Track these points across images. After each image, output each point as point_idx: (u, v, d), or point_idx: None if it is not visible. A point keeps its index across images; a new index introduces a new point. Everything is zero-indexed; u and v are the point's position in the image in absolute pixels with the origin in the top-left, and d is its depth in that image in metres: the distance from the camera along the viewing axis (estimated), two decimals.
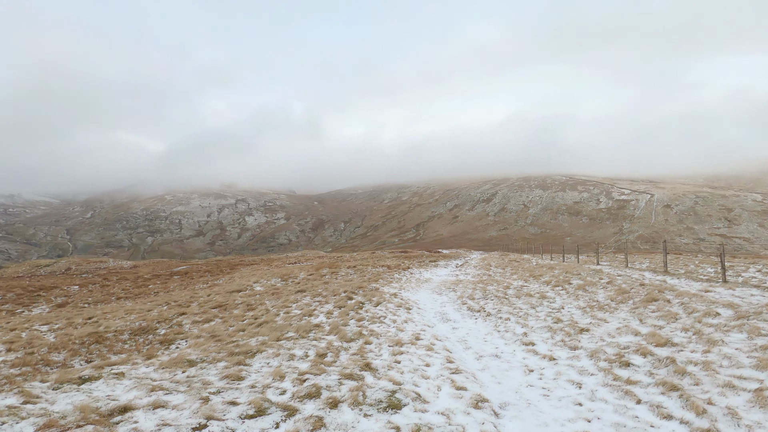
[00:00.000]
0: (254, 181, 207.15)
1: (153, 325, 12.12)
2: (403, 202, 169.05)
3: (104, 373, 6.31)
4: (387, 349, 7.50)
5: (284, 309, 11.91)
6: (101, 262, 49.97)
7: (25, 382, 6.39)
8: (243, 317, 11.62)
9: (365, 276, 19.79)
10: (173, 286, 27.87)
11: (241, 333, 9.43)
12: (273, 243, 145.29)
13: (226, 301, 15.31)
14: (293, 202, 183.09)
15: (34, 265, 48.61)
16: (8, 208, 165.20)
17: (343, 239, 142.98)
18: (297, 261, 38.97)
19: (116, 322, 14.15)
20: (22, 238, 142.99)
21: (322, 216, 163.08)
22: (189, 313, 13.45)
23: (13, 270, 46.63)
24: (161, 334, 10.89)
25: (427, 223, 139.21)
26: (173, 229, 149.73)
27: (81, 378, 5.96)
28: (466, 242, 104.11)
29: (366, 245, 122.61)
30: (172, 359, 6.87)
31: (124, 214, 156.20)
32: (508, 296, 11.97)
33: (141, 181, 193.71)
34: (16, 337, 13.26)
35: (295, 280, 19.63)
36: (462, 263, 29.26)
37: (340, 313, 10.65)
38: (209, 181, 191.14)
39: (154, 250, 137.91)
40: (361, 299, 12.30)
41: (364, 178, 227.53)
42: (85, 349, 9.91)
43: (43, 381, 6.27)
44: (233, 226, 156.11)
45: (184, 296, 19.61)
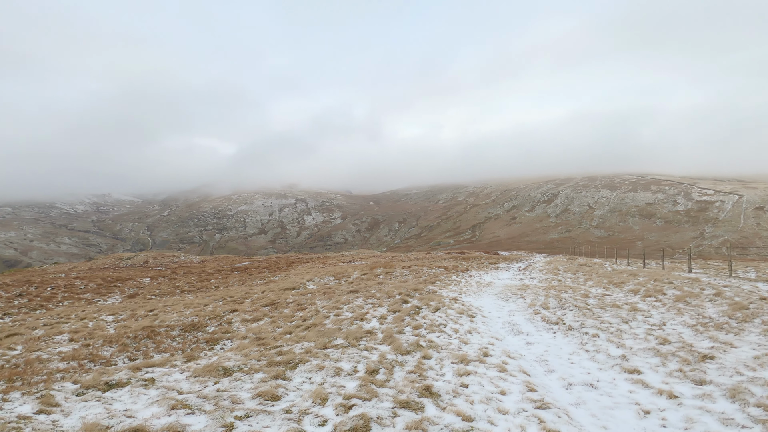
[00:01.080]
0: (313, 181, 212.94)
1: (204, 321, 11.73)
2: (459, 202, 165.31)
3: (135, 378, 5.64)
4: (450, 366, 6.22)
5: (335, 311, 10.99)
6: (174, 257, 52.99)
7: (58, 382, 5.90)
8: (292, 318, 10.84)
9: (421, 277, 18.53)
10: (233, 282, 28.31)
11: (288, 336, 8.59)
12: (330, 242, 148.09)
13: (278, 299, 14.76)
14: (349, 202, 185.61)
15: (117, 258, 52.54)
16: (100, 207, 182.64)
17: (398, 239, 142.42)
18: (351, 260, 38.52)
19: (173, 316, 14.04)
20: (110, 233, 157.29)
21: (377, 216, 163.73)
22: (240, 310, 12.98)
23: (100, 262, 50.71)
24: (209, 332, 10.39)
25: (483, 224, 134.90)
26: (238, 227, 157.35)
27: (108, 384, 5.30)
28: (524, 245, 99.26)
29: (420, 245, 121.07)
30: (208, 365, 6.08)
31: (196, 213, 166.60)
32: (589, 306, 10.17)
33: (212, 182, 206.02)
34: (82, 327, 13.49)
35: (349, 280, 18.82)
36: (525, 266, 27.04)
37: (394, 318, 9.50)
38: (272, 181, 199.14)
39: (221, 246, 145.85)
40: (417, 303, 11.07)
41: (419, 178, 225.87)
42: (135, 344, 9.60)
43: (75, 382, 5.72)
44: (293, 224, 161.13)
45: (239, 292, 19.51)
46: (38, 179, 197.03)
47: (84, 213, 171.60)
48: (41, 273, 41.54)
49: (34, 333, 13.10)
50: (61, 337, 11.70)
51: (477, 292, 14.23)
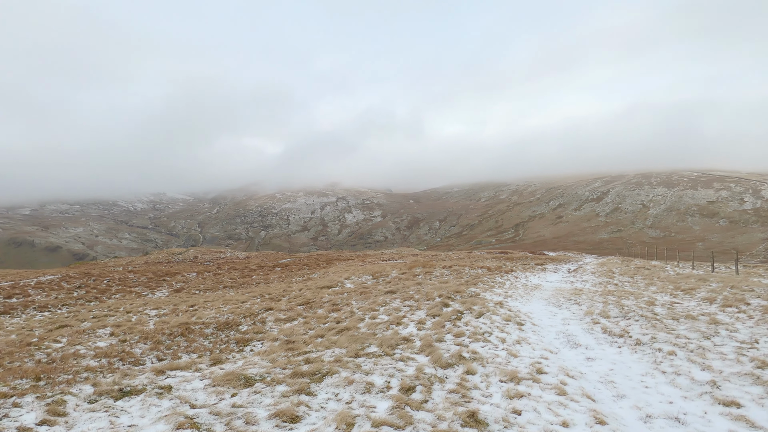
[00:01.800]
0: (354, 180, 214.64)
1: (238, 319, 11.45)
2: (501, 200, 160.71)
3: (152, 384, 5.21)
4: (498, 385, 5.35)
5: (370, 313, 10.32)
6: (221, 252, 54.65)
7: (79, 384, 5.60)
8: (325, 319, 10.28)
9: (462, 278, 17.52)
10: (273, 278, 28.45)
11: (319, 340, 8.00)
12: (370, 240, 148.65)
13: (313, 297, 14.33)
14: (389, 200, 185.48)
15: (170, 253, 54.88)
16: (156, 204, 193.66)
17: (438, 238, 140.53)
18: (391, 258, 37.89)
19: (210, 312, 13.96)
20: (165, 229, 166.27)
21: (417, 214, 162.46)
22: (275, 309, 12.63)
23: (155, 256, 53.22)
24: (242, 332, 10.04)
25: (527, 223, 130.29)
26: (282, 225, 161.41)
27: (122, 391, 4.88)
28: (571, 244, 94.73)
29: (461, 244, 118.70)
30: (230, 373, 5.57)
31: (243, 211, 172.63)
32: (658, 316, 8.86)
33: (258, 181, 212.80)
34: (126, 321, 13.66)
35: (386, 279, 18.14)
36: (575, 268, 25.23)
37: (433, 324, 8.68)
38: (314, 180, 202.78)
39: (266, 243, 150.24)
40: (459, 307, 10.17)
41: (460, 176, 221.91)
42: (168, 341, 9.40)
43: (94, 385, 5.38)
44: (334, 222, 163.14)
45: (278, 289, 19.36)
46: (103, 179, 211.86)
47: (142, 210, 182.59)
48: (101, 266, 43.88)
49: (83, 325, 13.41)
50: (104, 331, 11.83)
51: (524, 295, 13.09)
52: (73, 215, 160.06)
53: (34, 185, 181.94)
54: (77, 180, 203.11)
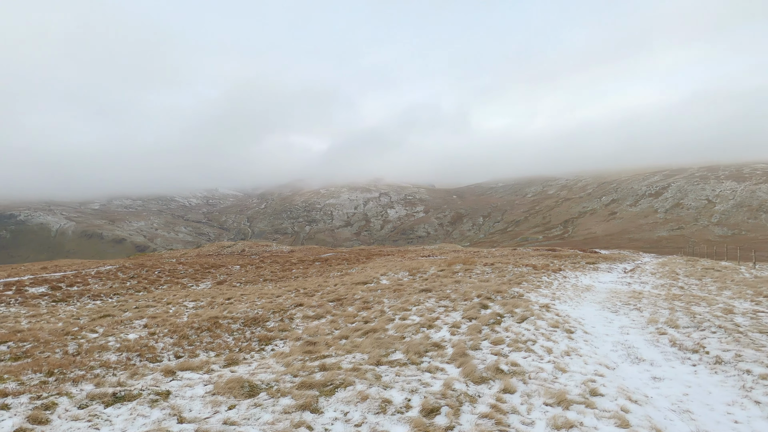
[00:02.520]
0: (397, 175, 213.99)
1: (267, 315, 11.08)
2: (549, 196, 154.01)
3: (150, 390, 4.74)
4: (541, 409, 4.41)
5: (401, 312, 9.55)
6: (266, 246, 55.96)
7: (83, 383, 5.28)
8: (354, 318, 9.64)
9: (505, 277, 16.31)
10: (312, 272, 28.36)
11: (342, 342, 7.35)
12: (412, 235, 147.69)
13: (346, 294, 13.78)
14: (432, 195, 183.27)
15: (220, 246, 56.85)
16: (209, 200, 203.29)
17: (482, 234, 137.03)
18: (431, 254, 36.87)
19: (243, 306, 13.78)
20: (217, 223, 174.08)
21: (460, 210, 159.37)
22: (306, 305, 12.18)
23: (206, 249, 55.36)
24: (267, 328, 9.61)
25: (576, 219, 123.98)
26: (326, 220, 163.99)
27: (116, 396, 4.44)
28: (625, 242, 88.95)
29: (506, 241, 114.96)
30: (236, 379, 5.01)
31: (289, 206, 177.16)
32: (741, 328, 7.41)
33: (304, 177, 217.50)
34: (163, 313, 13.76)
35: (423, 276, 17.27)
36: (632, 268, 23.07)
37: (469, 328, 7.76)
38: (358, 176, 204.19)
39: (310, 237, 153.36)
40: (499, 310, 9.17)
41: (506, 171, 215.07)
42: (194, 336, 9.15)
43: (98, 385, 5.03)
44: (376, 218, 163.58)
45: (314, 284, 19.05)
46: (162, 176, 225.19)
47: (196, 205, 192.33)
48: (156, 258, 46.00)
49: (124, 315, 13.65)
50: (139, 322, 11.87)
51: (574, 298, 11.77)
52: (135, 210, 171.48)
53: (103, 182, 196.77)
54: (140, 177, 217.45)
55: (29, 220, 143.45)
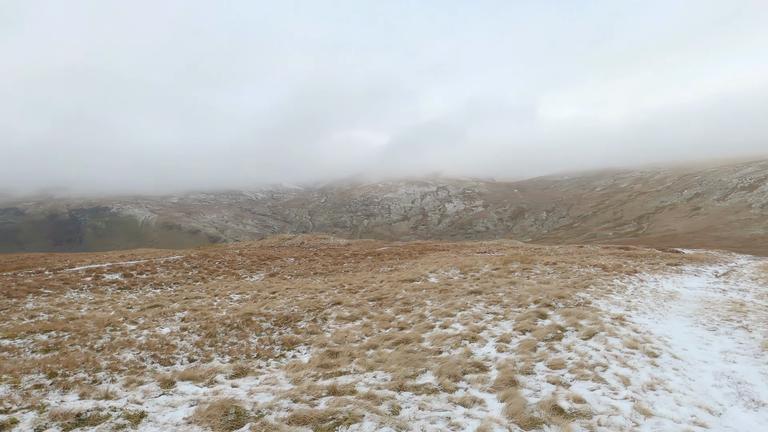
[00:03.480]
0: (457, 169, 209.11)
1: (301, 314, 10.38)
2: (621, 189, 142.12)
3: (123, 411, 4.04)
4: None
5: (443, 319, 8.33)
6: (324, 239, 56.69)
7: (70, 391, 4.75)
8: (390, 322, 8.59)
9: (569, 279, 14.36)
10: (363, 267, 27.74)
11: (369, 353, 6.33)
12: (470, 230, 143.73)
13: (389, 293, 12.77)
14: (492, 189, 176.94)
15: (281, 238, 58.59)
16: (274, 194, 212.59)
17: (545, 229, 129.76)
18: (488, 250, 34.83)
19: (283, 302, 13.29)
20: (281, 216, 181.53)
21: (522, 204, 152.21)
22: (345, 303, 11.34)
23: (268, 241, 57.32)
24: (297, 329, 8.86)
25: (653, 215, 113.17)
26: (383, 214, 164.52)
27: (80, 418, 3.76)
28: (711, 241, 79.46)
29: (571, 237, 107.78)
30: (222, 403, 4.17)
31: (347, 200, 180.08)
32: None
33: (363, 172, 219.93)
34: (207, 305, 13.64)
35: (475, 275, 15.78)
36: (725, 271, 19.71)
37: (521, 344, 6.38)
38: (417, 170, 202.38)
39: (368, 231, 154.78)
40: (560, 321, 7.64)
41: (573, 163, 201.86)
42: (222, 335, 8.63)
43: (82, 396, 4.45)
44: (434, 212, 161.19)
45: (359, 280, 18.30)
46: (232, 172, 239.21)
47: (262, 199, 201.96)
48: (221, 249, 48.09)
49: (171, 306, 13.73)
50: (180, 315, 11.73)
51: (655, 308, 9.78)
52: (209, 203, 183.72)
53: (181, 177, 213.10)
54: (213, 172, 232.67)
55: (120, 212, 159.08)
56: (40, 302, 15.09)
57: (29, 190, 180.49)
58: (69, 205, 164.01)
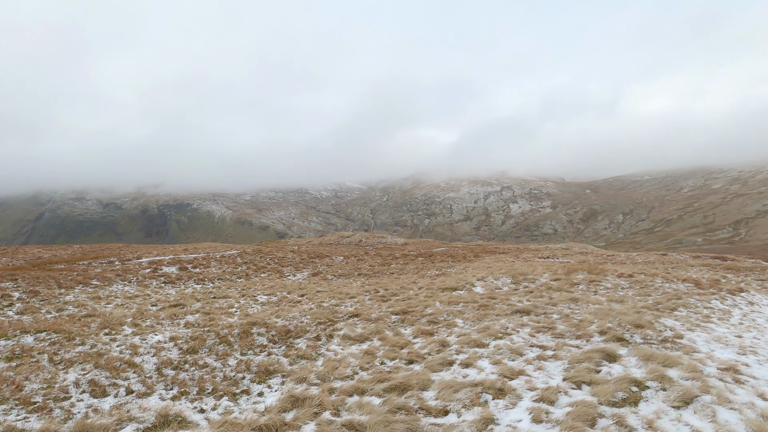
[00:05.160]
0: (525, 168, 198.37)
1: (307, 328, 8.81)
2: (714, 191, 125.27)
3: None
4: None
5: (469, 350, 6.25)
6: (382, 238, 55.53)
7: None
8: (400, 350, 6.68)
9: (649, 297, 11.34)
10: (410, 269, 25.87)
11: (347, 402, 4.53)
12: (537, 232, 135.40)
13: (420, 304, 10.82)
14: (561, 189, 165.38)
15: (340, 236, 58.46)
16: (337, 192, 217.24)
17: (621, 233, 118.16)
18: (552, 255, 31.20)
19: (302, 308, 11.90)
20: (344, 214, 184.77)
21: (594, 206, 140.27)
22: (363, 316, 9.61)
23: (328, 238, 57.43)
24: (293, 348, 7.27)
25: (753, 220, 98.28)
26: (445, 213, 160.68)
27: None
28: None
29: (652, 243, 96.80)
30: None
31: (409, 199, 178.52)
32: None
33: (425, 170, 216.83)
34: (227, 307, 12.66)
35: (529, 286, 13.21)
36: None
37: (571, 410, 4.19)
38: (482, 168, 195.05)
39: (429, 230, 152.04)
40: (635, 369, 5.24)
41: (655, 161, 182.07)
42: (204, 352, 7.29)
43: None
44: (497, 212, 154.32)
45: (399, 284, 16.48)
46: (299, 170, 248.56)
47: (326, 198, 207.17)
48: (279, 245, 48.61)
49: (193, 306, 12.94)
50: (191, 317, 10.77)
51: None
52: (277, 201, 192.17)
53: (254, 176, 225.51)
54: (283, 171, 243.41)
55: (200, 208, 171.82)
56: (81, 294, 15.10)
57: (129, 188, 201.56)
58: (158, 201, 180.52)
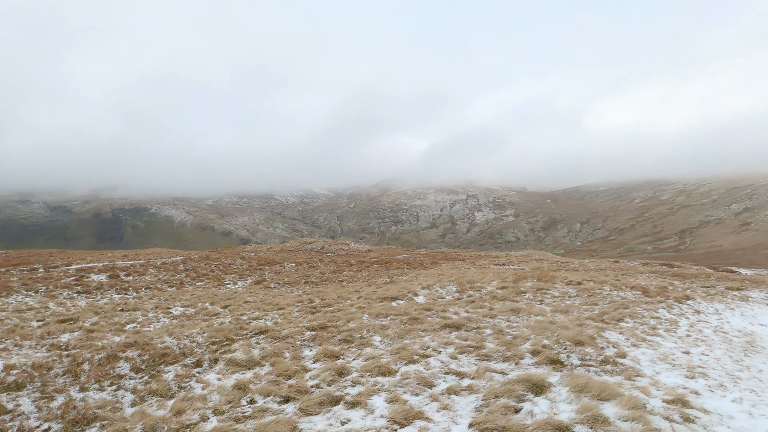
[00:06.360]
0: (492, 178, 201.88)
1: (194, 349, 7.23)
2: (662, 202, 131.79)
3: None
4: None
5: (372, 379, 4.94)
6: (345, 245, 53.63)
7: None
8: (284, 380, 5.26)
9: (596, 306, 10.48)
10: (362, 276, 24.44)
11: None
12: (500, 240, 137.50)
13: (345, 317, 9.43)
14: (523, 199, 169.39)
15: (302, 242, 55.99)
16: (304, 199, 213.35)
17: (579, 242, 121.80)
18: (508, 262, 30.66)
19: (213, 322, 10.25)
20: (310, 221, 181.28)
21: (554, 215, 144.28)
22: (270, 333, 8.12)
23: (289, 245, 54.88)
24: (156, 379, 5.68)
25: (697, 229, 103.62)
26: (411, 221, 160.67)
27: None
28: (762, 259, 71.03)
29: (607, 250, 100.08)
30: None
31: (376, 206, 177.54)
32: None
33: (395, 178, 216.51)
34: (117, 324, 10.84)
35: (474, 295, 12.12)
36: None
37: None
38: (449, 177, 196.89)
39: (396, 237, 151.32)
40: (565, 404, 4.06)
41: (611, 173, 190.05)
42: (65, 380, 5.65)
43: None
44: (463, 220, 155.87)
45: (338, 294, 15.04)
46: (266, 175, 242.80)
47: (293, 204, 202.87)
48: (234, 252, 45.95)
49: (86, 321, 10.91)
50: (67, 337, 8.89)
51: (736, 371, 5.91)
52: (241, 207, 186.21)
53: (218, 180, 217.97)
54: (249, 176, 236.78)
55: (158, 213, 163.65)
56: None
57: (83, 190, 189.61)
58: (113, 204, 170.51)
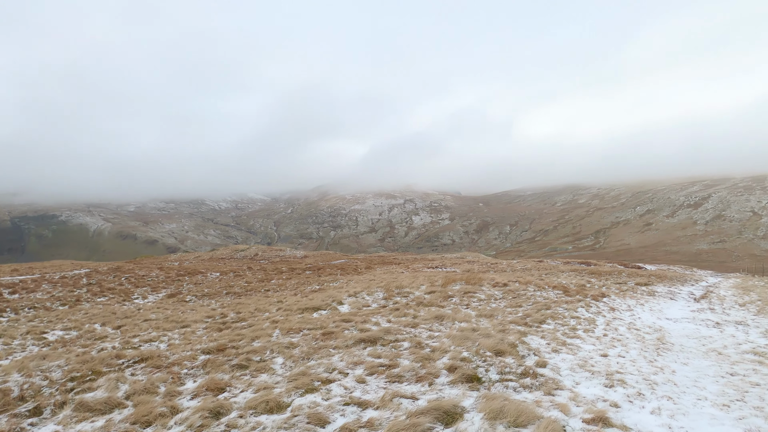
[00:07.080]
0: (430, 183, 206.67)
1: (41, 389, 5.72)
2: (580, 205, 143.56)
3: None
4: None
5: (251, 420, 3.98)
6: (281, 251, 50.98)
7: None
8: (141, 429, 4.13)
9: (520, 308, 10.33)
10: (291, 284, 23.01)
11: None
12: (437, 242, 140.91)
13: (253, 334, 8.27)
14: (458, 203, 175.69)
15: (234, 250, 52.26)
16: (238, 204, 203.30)
17: (509, 243, 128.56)
18: (441, 265, 30.86)
19: (94, 348, 8.58)
20: (245, 227, 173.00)
21: (486, 218, 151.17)
22: (152, 362, 6.77)
23: (220, 252, 50.96)
24: None
25: (609, 230, 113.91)
26: (351, 225, 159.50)
27: None
28: (662, 255, 79.62)
29: (533, 251, 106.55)
30: None
31: (314, 211, 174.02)
32: None
33: (334, 182, 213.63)
34: None
35: (400, 302, 11.50)
36: (703, 293, 16.32)
37: None
38: (388, 182, 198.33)
39: (335, 242, 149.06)
40: (480, 423, 3.42)
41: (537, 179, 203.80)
42: None
43: None
44: (401, 224, 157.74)
45: (257, 306, 13.67)
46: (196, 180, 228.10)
47: (226, 209, 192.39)
48: (153, 262, 41.93)
49: None
50: None
51: (651, 374, 5.74)
52: (168, 213, 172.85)
53: (141, 185, 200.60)
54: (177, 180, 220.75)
55: (70, 221, 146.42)
56: None
57: None
58: (12, 211, 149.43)
